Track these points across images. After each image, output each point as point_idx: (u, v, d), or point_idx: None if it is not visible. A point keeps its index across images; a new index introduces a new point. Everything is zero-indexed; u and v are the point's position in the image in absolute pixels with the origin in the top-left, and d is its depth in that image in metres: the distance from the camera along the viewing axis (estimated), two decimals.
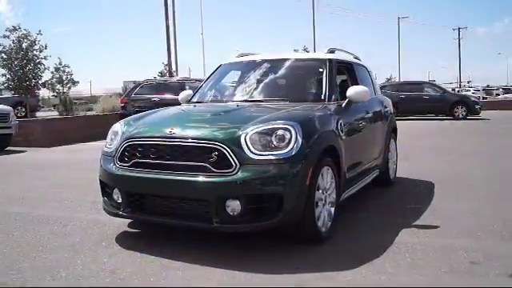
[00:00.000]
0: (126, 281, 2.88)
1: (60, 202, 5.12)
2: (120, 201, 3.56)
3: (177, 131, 3.37)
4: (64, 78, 28.87)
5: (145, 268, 3.07)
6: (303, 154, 3.22)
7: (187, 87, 12.36)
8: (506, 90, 44.49)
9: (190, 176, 3.21)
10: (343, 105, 4.20)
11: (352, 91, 4.20)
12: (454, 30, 60.14)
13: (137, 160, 3.45)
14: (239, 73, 4.83)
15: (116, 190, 3.57)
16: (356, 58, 5.52)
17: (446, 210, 4.51)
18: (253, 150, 3.16)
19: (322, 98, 4.20)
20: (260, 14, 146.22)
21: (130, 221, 4.07)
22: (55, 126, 12.56)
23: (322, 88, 4.30)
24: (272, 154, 3.17)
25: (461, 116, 19.07)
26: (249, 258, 3.25)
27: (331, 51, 4.83)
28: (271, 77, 4.65)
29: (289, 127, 3.27)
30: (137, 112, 12.26)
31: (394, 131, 5.88)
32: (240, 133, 3.24)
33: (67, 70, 28.72)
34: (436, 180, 5.91)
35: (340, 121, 3.91)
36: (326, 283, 2.82)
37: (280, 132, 3.24)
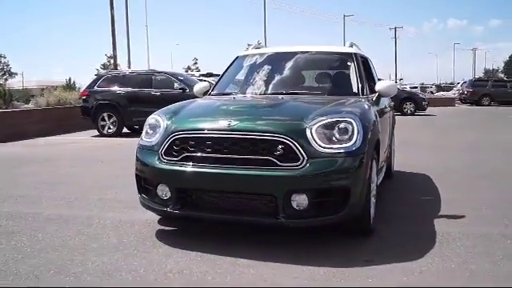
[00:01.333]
0: (201, 281, 2.74)
1: (64, 200, 4.78)
2: (166, 197, 3.36)
3: (236, 124, 3.24)
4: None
5: (213, 267, 2.93)
6: (364, 146, 3.22)
7: (157, 78, 11.98)
8: (439, 88, 47.12)
9: (254, 170, 3.10)
10: (374, 98, 4.24)
11: (382, 85, 4.25)
12: (390, 29, 62.71)
13: (188, 154, 3.27)
14: (262, 65, 4.72)
15: (162, 186, 3.37)
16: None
17: (458, 201, 4.68)
18: (319, 142, 3.11)
19: (356, 91, 4.22)
20: (207, 8, 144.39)
21: (158, 218, 3.90)
22: (9, 120, 11.69)
23: (354, 82, 4.32)
24: (337, 148, 3.13)
25: (409, 112, 19.93)
26: (317, 253, 3.19)
27: (351, 45, 4.87)
28: (299, 69, 4.61)
29: (351, 120, 3.24)
30: (101, 105, 12.04)
31: (394, 125, 6.03)
32: (305, 126, 3.17)
33: (3, 60, 26.90)
34: (428, 172, 6.13)
35: (376, 114, 3.95)
36: (390, 277, 2.83)
37: (342, 125, 3.21)
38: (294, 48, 4.83)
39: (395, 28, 61.26)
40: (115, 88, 11.79)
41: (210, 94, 4.63)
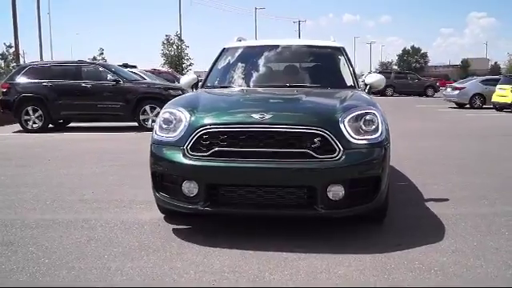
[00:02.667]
0: (261, 279, 2.69)
1: (40, 203, 4.36)
2: (193, 195, 3.24)
3: (270, 117, 3.19)
4: None
5: (263, 263, 2.88)
6: (386, 137, 3.36)
7: (87, 69, 11.27)
8: None
9: (293, 163, 3.10)
10: (366, 90, 4.41)
11: (373, 79, 4.43)
12: (294, 22, 64.70)
13: (219, 149, 3.17)
14: (256, 57, 4.70)
15: (188, 183, 3.23)
16: None
17: (430, 185, 5.05)
18: (352, 134, 3.18)
19: (352, 84, 4.37)
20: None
21: (162, 216, 3.78)
22: None
23: (348, 75, 4.46)
24: (367, 139, 3.23)
25: None
26: (350, 241, 3.28)
27: (333, 40, 5.01)
28: (295, 62, 4.64)
29: (375, 112, 3.37)
30: (24, 99, 11.05)
31: None
32: (338, 118, 3.23)
33: None
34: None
35: None
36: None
37: (368, 117, 3.31)
38: (283, 41, 4.88)
39: (299, 22, 63.41)
40: (40, 80, 10.88)
41: (204, 87, 4.49)
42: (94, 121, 11.62)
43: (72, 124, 12.22)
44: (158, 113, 10.49)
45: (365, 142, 3.22)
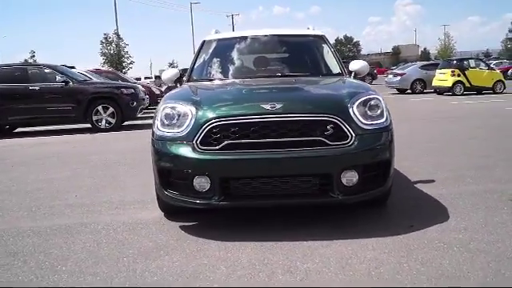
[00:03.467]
0: (295, 269, 2.66)
1: (25, 210, 4.08)
2: (205, 190, 3.15)
3: (281, 106, 3.16)
4: None
5: (288, 254, 2.85)
6: (391, 121, 3.43)
7: (34, 71, 10.68)
8: None
9: (308, 152, 3.08)
10: (352, 77, 4.47)
11: (357, 65, 4.48)
12: (227, 16, 64.56)
13: (230, 141, 3.10)
14: (241, 48, 4.64)
15: (200, 178, 3.14)
16: None
17: (410, 167, 5.23)
18: (361, 120, 3.22)
19: (340, 71, 4.41)
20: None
21: (162, 215, 3.69)
22: None
23: (335, 63, 4.51)
24: (375, 124, 3.27)
25: None
26: (364, 225, 3.33)
27: (313, 28, 5.05)
28: (281, 51, 4.62)
29: (379, 97, 3.42)
30: None
31: None
32: (347, 104, 3.25)
33: None
34: None
35: None
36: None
37: (373, 102, 3.36)
38: (265, 31, 4.83)
39: (232, 15, 63.36)
40: None
41: (190, 81, 4.38)
42: (44, 124, 11.09)
43: (19, 129, 11.59)
44: (112, 113, 10.69)
45: (373, 127, 3.26)
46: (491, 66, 21.41)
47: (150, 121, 3.74)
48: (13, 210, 4.15)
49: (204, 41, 4.77)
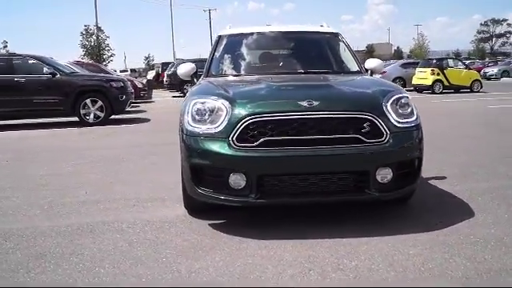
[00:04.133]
0: (344, 266, 2.65)
1: (38, 208, 3.93)
2: (241, 187, 3.10)
3: (318, 103, 3.13)
4: None
5: (331, 251, 2.84)
6: (420, 120, 3.45)
7: (19, 62, 10.31)
8: None
9: (345, 149, 3.07)
10: (369, 75, 4.48)
11: (374, 64, 4.49)
12: (204, 11, 63.97)
13: (268, 138, 3.06)
14: (257, 44, 4.63)
15: (236, 175, 3.08)
16: None
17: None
18: (395, 117, 3.22)
19: (359, 69, 4.40)
20: None
21: (184, 212, 3.61)
22: None
23: (353, 60, 4.50)
24: (407, 122, 3.28)
25: None
26: (394, 224, 3.33)
27: (328, 26, 5.04)
28: (298, 49, 4.59)
29: (408, 96, 3.44)
30: None
31: None
32: (381, 102, 3.25)
33: None
34: None
35: None
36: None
37: (404, 100, 3.36)
38: (281, 28, 4.82)
39: (209, 10, 62.84)
40: None
41: (209, 76, 4.29)
42: (30, 117, 10.72)
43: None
44: (101, 106, 10.45)
45: (405, 125, 3.27)
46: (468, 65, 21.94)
47: (137, 115, 3.64)
48: (23, 208, 3.99)
49: (220, 36, 4.69)
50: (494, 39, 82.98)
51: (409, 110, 3.35)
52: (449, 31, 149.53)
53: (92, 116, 10.37)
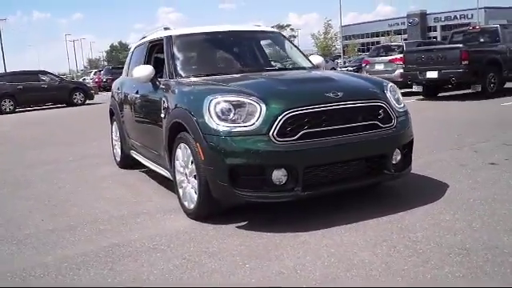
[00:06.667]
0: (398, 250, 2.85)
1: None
2: (283, 182, 3.09)
3: (342, 94, 3.30)
4: None
5: (375, 237, 2.95)
6: None
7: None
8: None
9: (372, 135, 3.32)
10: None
11: (318, 60, 4.80)
12: None
13: (306, 131, 3.11)
14: (209, 45, 4.59)
15: (277, 172, 3.06)
16: None
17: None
18: (395, 104, 3.57)
19: (313, 65, 4.64)
20: None
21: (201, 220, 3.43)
22: None
23: (304, 56, 4.76)
24: (402, 107, 3.66)
25: (80, 102, 19.52)
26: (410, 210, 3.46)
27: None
28: (252, 48, 4.73)
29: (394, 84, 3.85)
30: None
31: None
32: (384, 90, 3.57)
33: None
34: None
35: None
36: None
37: (394, 88, 3.74)
38: (229, 27, 4.80)
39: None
40: None
41: (176, 77, 4.02)
42: None
43: None
44: None
45: (402, 109, 3.64)
46: None
47: None
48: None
49: (170, 36, 4.38)
50: None
51: (399, 96, 3.73)
52: None
53: None
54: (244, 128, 3.07)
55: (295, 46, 4.92)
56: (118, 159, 5.70)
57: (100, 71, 33.66)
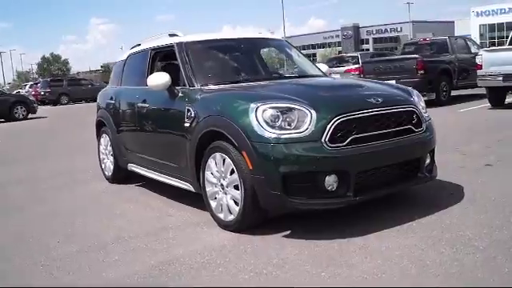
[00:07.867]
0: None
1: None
2: (335, 188, 3.08)
3: (382, 100, 3.35)
4: None
5: (403, 240, 3.00)
6: None
7: None
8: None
9: (412, 139, 3.42)
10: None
11: (326, 68, 4.90)
12: None
13: (355, 136, 3.14)
14: (225, 52, 4.54)
15: (328, 178, 3.05)
16: None
17: None
18: (422, 110, 3.68)
19: (322, 72, 4.69)
20: None
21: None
22: None
23: (313, 64, 4.80)
24: (427, 113, 3.78)
25: (21, 116, 18.45)
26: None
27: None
28: (260, 56, 4.72)
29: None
30: None
31: None
32: (412, 96, 3.69)
33: None
34: None
35: None
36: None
37: (420, 95, 3.87)
38: (244, 34, 4.79)
39: None
40: None
41: (194, 85, 3.89)
42: None
43: None
44: None
45: (427, 115, 3.77)
46: None
47: None
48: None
49: (182, 43, 4.25)
50: None
51: (424, 103, 3.86)
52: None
53: None
54: (296, 134, 3.04)
55: (302, 54, 4.96)
56: (109, 173, 5.42)
57: (36, 84, 31.93)
